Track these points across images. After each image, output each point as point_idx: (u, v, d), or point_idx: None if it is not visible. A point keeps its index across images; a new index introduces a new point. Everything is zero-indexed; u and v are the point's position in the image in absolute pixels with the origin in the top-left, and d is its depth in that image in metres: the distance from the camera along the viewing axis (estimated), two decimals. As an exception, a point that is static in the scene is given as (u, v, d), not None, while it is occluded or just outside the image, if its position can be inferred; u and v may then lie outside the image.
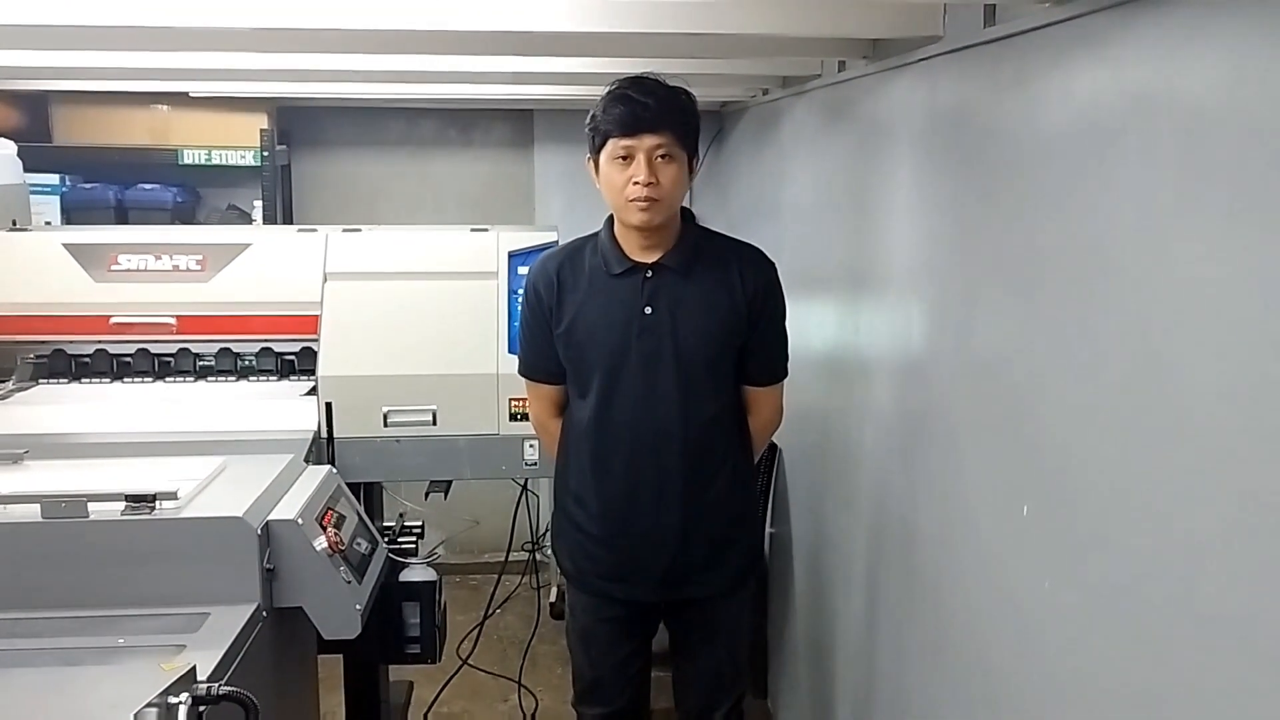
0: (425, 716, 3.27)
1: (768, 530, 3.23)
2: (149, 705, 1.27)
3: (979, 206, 1.77)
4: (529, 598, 4.42)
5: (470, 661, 3.27)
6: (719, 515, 2.24)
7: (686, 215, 2.22)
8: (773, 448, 3.19)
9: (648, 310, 2.14)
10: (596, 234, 2.22)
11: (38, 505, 1.69)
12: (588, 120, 2.13)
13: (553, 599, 4.34)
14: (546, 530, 4.33)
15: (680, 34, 2.09)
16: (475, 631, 3.31)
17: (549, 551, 4.48)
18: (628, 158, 2.05)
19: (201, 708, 1.34)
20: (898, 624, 2.19)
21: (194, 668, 1.39)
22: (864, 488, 2.40)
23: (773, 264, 2.25)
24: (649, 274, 2.15)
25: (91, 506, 1.70)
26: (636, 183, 2.04)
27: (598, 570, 2.28)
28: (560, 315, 2.19)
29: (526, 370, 2.32)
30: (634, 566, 2.24)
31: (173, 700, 1.31)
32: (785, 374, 2.31)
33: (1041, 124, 1.54)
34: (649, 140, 2.04)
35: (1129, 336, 1.30)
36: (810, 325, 2.84)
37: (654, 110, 2.04)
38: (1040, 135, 1.54)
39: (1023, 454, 1.59)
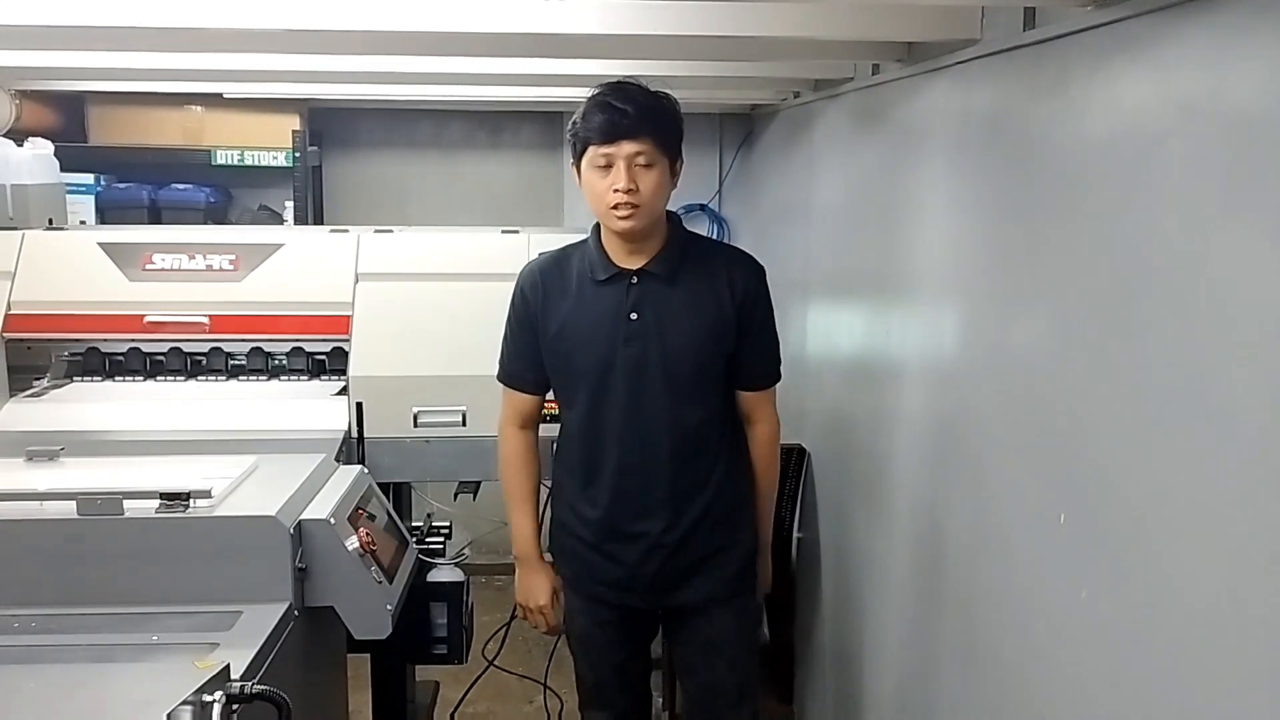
0: (451, 716, 3.28)
1: (795, 535, 3.22)
2: (184, 703, 1.28)
3: (1016, 212, 1.76)
4: (554, 599, 4.43)
5: (496, 663, 3.27)
6: (709, 522, 2.22)
7: (674, 220, 2.21)
8: (801, 452, 3.17)
9: (633, 316, 2.13)
10: (585, 240, 2.22)
11: (74, 502, 1.71)
12: (569, 128, 2.14)
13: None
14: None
15: (712, 37, 2.09)
16: (501, 632, 3.31)
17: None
18: (608, 165, 2.05)
19: (235, 706, 1.34)
20: (927, 631, 2.17)
21: (227, 666, 1.40)
22: (893, 493, 2.39)
23: (761, 268, 2.24)
24: (634, 280, 2.14)
25: (127, 504, 1.71)
26: (617, 190, 2.04)
27: (592, 576, 2.28)
28: (546, 322, 2.19)
29: (504, 376, 2.30)
30: (625, 573, 2.23)
31: (207, 698, 1.31)
32: (779, 377, 2.30)
33: (1082, 129, 1.53)
34: (628, 147, 2.04)
35: (1170, 345, 1.28)
36: (838, 329, 2.83)
37: (632, 117, 2.04)
38: (1081, 140, 1.53)
39: (1060, 462, 1.57)
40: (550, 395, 2.31)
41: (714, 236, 4.17)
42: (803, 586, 3.25)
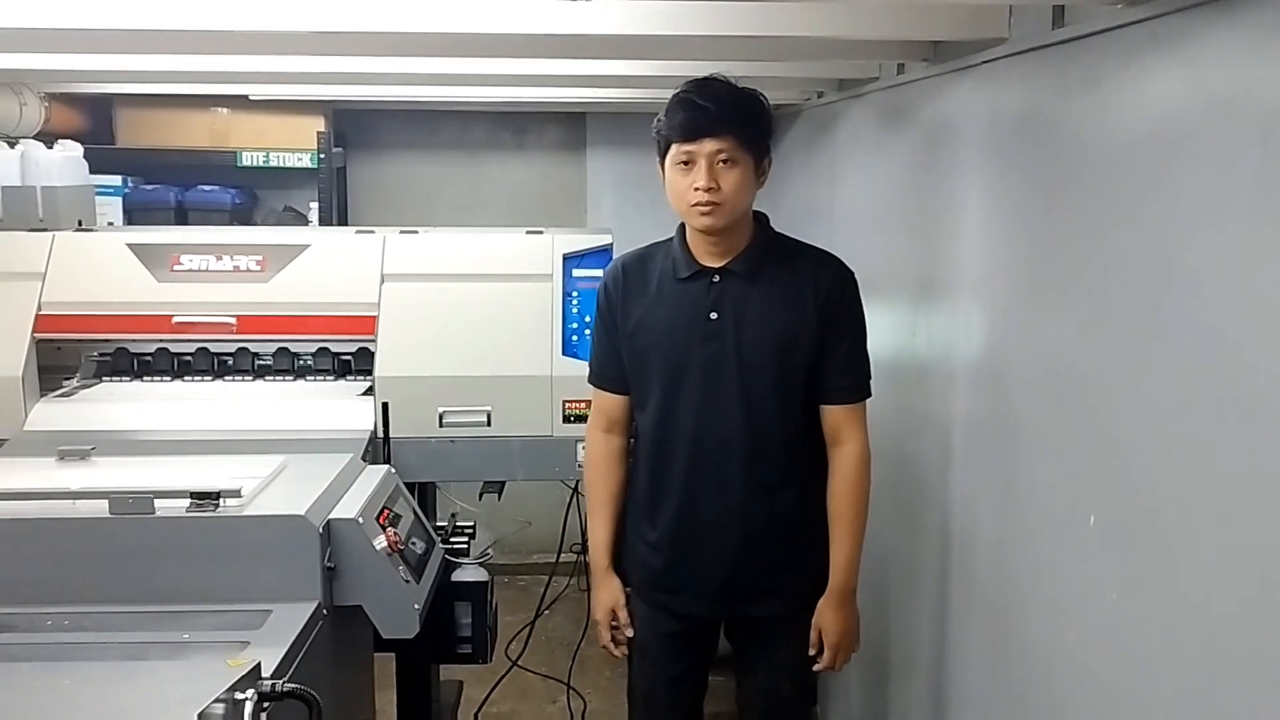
0: (475, 716, 3.29)
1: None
2: (217, 701, 1.29)
3: (1046, 211, 1.75)
4: (577, 599, 4.42)
5: (519, 663, 3.28)
6: (780, 535, 2.13)
7: (761, 219, 2.16)
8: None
9: (712, 315, 2.08)
10: (671, 238, 2.18)
11: (106, 501, 1.72)
12: (653, 125, 2.10)
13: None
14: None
15: (737, 37, 2.09)
16: (524, 632, 3.32)
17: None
18: (689, 163, 2.02)
19: (266, 704, 1.35)
20: (956, 632, 2.17)
21: (259, 664, 1.41)
22: (922, 493, 2.38)
23: (850, 272, 2.14)
24: (716, 278, 2.09)
25: (158, 503, 1.73)
26: (697, 188, 2.01)
27: (656, 582, 2.22)
28: (626, 318, 2.15)
29: (593, 377, 2.25)
30: (690, 579, 2.18)
31: (239, 696, 1.32)
32: (865, 394, 2.13)
33: (1112, 127, 1.52)
34: (709, 145, 2.00)
35: (1202, 345, 1.27)
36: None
37: (713, 115, 2.00)
38: (1111, 139, 1.52)
39: (1091, 463, 1.57)
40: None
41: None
42: (826, 587, 3.24)
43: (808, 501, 2.14)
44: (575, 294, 2.67)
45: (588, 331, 2.63)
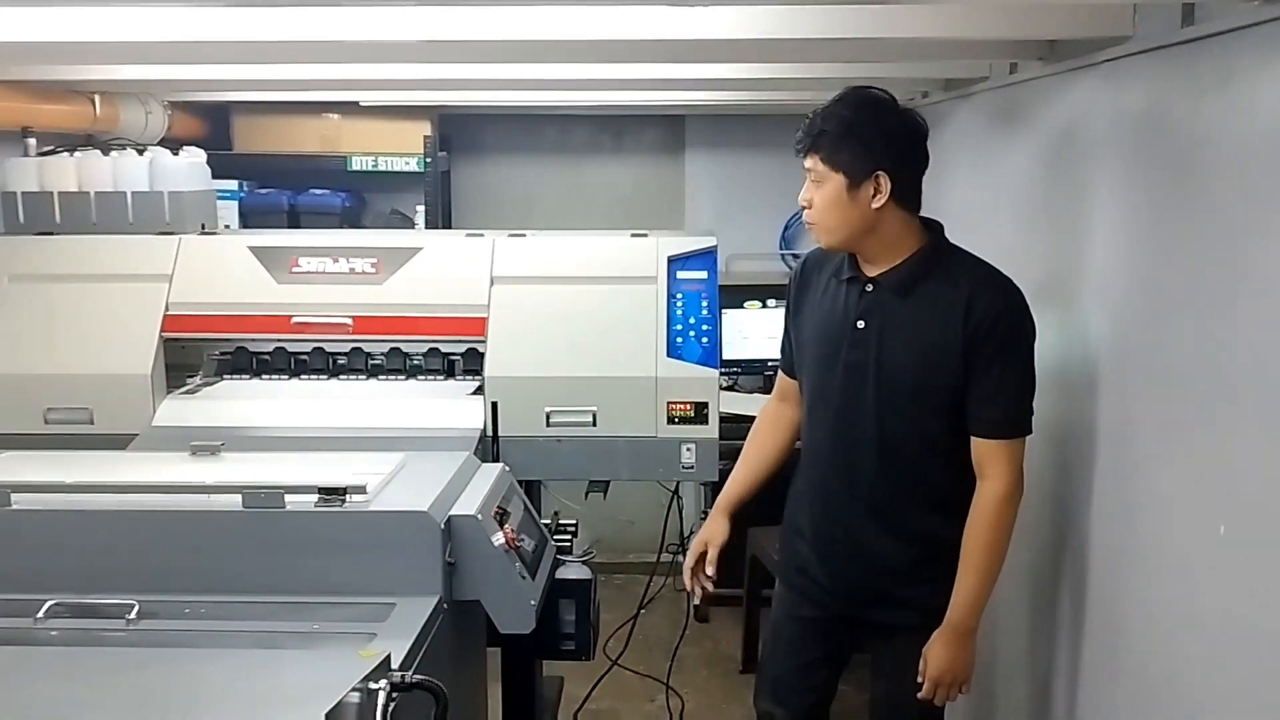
0: (575, 715, 3.33)
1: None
2: (353, 690, 1.33)
3: (1171, 215, 1.71)
4: (674, 599, 4.45)
5: (619, 661, 3.31)
6: (911, 550, 2.12)
7: (934, 230, 2.12)
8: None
9: (859, 324, 2.08)
10: None
11: (239, 495, 1.79)
12: None
13: (697, 602, 4.35)
14: (691, 532, 4.36)
15: (845, 39, 2.08)
16: (623, 630, 3.35)
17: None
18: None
19: (395, 695, 1.39)
20: (1067, 643, 2.13)
21: (389, 656, 1.45)
22: (1030, 500, 2.34)
23: (1016, 299, 2.03)
24: (869, 288, 2.08)
25: (287, 498, 1.79)
26: (802, 206, 2.09)
27: (796, 566, 2.27)
28: (798, 309, 2.24)
29: (781, 360, 2.37)
30: (822, 572, 2.21)
31: (372, 686, 1.37)
32: (1014, 432, 2.02)
33: (1245, 128, 1.48)
34: (806, 162, 2.05)
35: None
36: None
37: (804, 133, 2.04)
38: (1243, 140, 1.48)
39: (1221, 471, 1.53)
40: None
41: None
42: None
43: (945, 523, 2.08)
44: (679, 296, 2.68)
45: (691, 333, 2.65)
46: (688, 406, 2.61)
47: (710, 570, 2.30)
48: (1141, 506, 1.80)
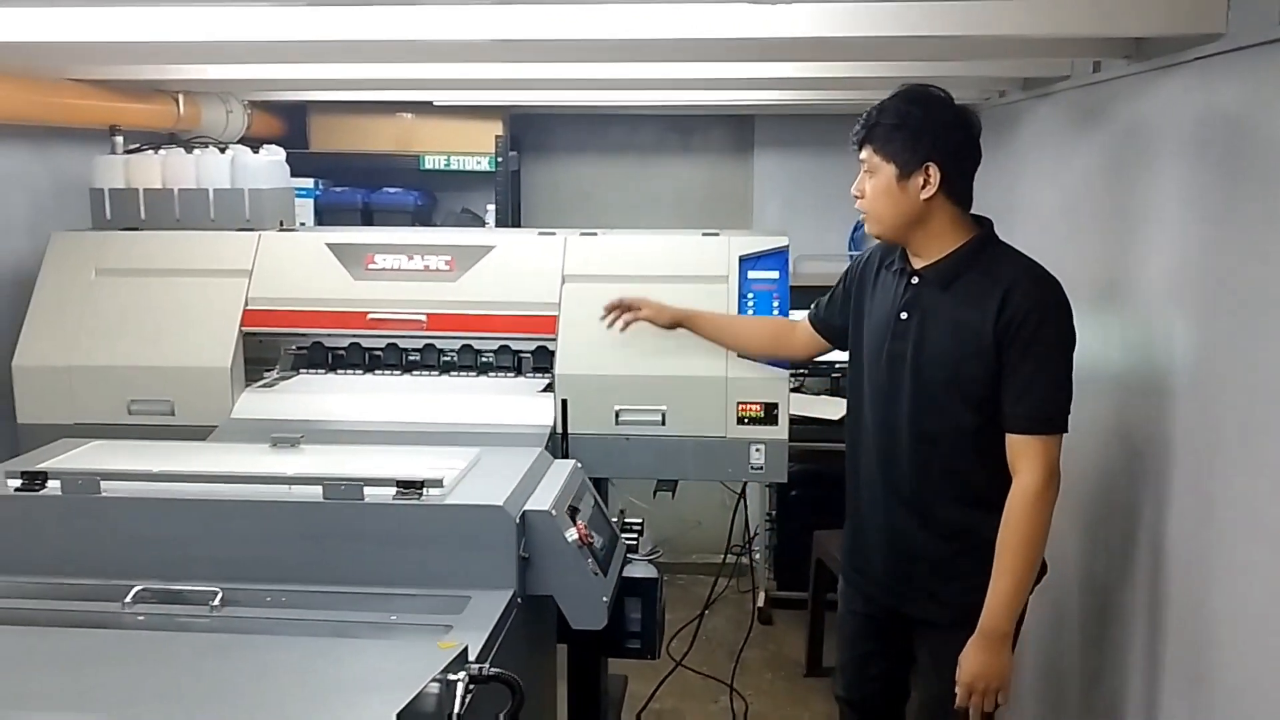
0: (639, 715, 3.33)
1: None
2: (434, 680, 1.35)
3: (1262, 218, 1.66)
4: (736, 601, 4.45)
5: (683, 662, 3.30)
6: (946, 544, 2.13)
7: (983, 226, 2.13)
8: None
9: (902, 315, 2.13)
10: None
11: (320, 487, 1.82)
12: None
13: (760, 604, 4.34)
14: (755, 534, 4.35)
15: (927, 38, 2.05)
16: (686, 631, 3.35)
17: (758, 556, 4.50)
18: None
19: (473, 686, 1.41)
20: (1149, 655, 2.08)
21: (466, 648, 1.47)
22: (1110, 510, 2.30)
23: (1053, 295, 2.02)
24: (914, 280, 2.13)
25: (366, 490, 1.81)
26: (854, 197, 2.17)
27: (847, 559, 2.36)
28: (860, 293, 2.28)
29: (814, 308, 2.47)
30: (866, 563, 2.28)
31: (451, 678, 1.38)
32: (1045, 429, 2.00)
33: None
34: (861, 154, 2.13)
35: None
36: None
37: (860, 126, 2.12)
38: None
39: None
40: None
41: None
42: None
43: (983, 520, 2.06)
44: (750, 295, 2.67)
45: (762, 334, 2.63)
46: (758, 407, 2.60)
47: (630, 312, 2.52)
48: (1227, 518, 1.76)
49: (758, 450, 2.61)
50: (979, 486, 2.09)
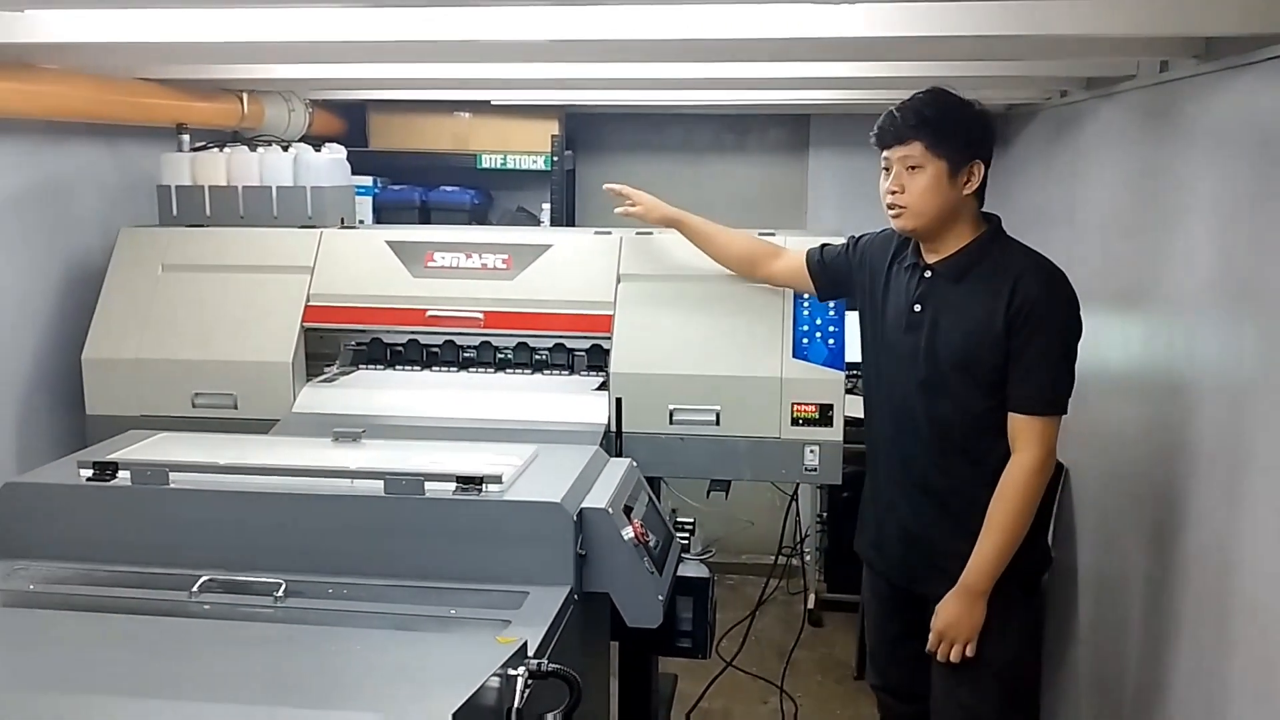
0: (688, 715, 3.33)
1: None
2: (494, 675, 1.36)
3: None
4: (785, 602, 4.44)
5: (733, 662, 3.30)
6: (950, 523, 2.24)
7: (992, 222, 2.26)
8: (1059, 468, 3.04)
9: (916, 308, 2.25)
10: None
11: (381, 481, 1.85)
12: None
13: (810, 605, 4.32)
14: (806, 536, 4.34)
15: (987, 37, 2.04)
16: (736, 631, 3.34)
17: (808, 558, 4.48)
18: (888, 168, 2.22)
19: (531, 681, 1.42)
20: (1214, 668, 2.04)
21: (525, 643, 1.48)
22: (1172, 519, 2.25)
23: (1060, 284, 2.17)
24: (927, 274, 2.25)
25: (427, 485, 1.84)
26: (889, 191, 2.21)
27: (866, 543, 2.47)
28: (873, 291, 2.36)
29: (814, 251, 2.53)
30: (882, 545, 2.40)
31: (511, 673, 1.39)
32: (1046, 409, 2.15)
33: None
34: (899, 151, 2.18)
35: None
36: (1108, 340, 2.69)
37: (899, 123, 2.16)
38: None
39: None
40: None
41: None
42: (1053, 608, 3.11)
43: (987, 498, 2.18)
44: (806, 297, 2.66)
45: (818, 334, 2.62)
46: (812, 408, 2.59)
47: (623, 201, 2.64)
48: (1257, 514, 1.73)
49: (812, 452, 2.60)
50: (991, 468, 2.19)
